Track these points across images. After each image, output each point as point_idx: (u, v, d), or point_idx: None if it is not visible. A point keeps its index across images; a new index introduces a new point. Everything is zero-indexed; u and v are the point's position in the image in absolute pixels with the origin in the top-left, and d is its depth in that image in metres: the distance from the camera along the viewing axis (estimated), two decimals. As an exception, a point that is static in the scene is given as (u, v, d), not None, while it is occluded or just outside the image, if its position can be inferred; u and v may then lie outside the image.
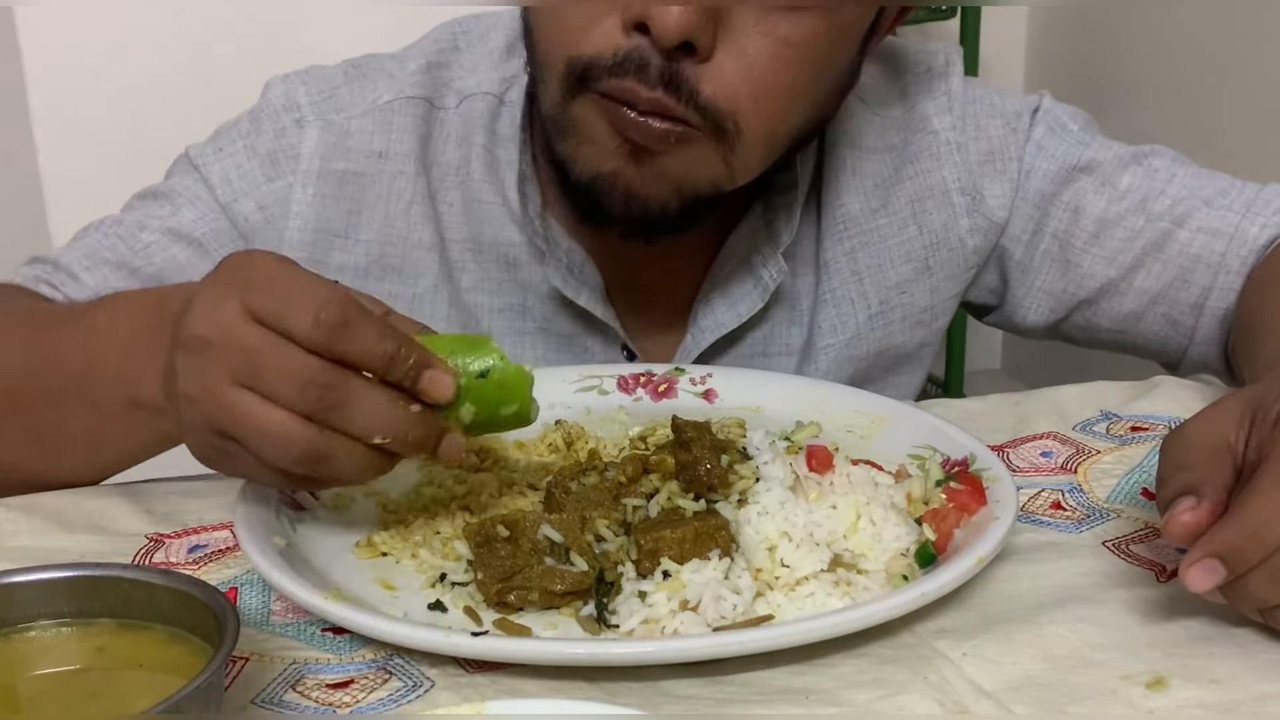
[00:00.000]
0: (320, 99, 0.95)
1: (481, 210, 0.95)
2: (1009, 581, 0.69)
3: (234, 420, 0.63)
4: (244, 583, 0.70)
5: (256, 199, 0.93)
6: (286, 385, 0.62)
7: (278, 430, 0.62)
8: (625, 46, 0.79)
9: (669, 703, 0.59)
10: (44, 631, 0.57)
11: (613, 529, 0.68)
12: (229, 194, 0.93)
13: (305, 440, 0.62)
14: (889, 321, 1.01)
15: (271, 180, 0.93)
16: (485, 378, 0.64)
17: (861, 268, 1.00)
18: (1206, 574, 0.60)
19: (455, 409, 0.64)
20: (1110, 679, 0.60)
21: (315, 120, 0.94)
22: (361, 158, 0.94)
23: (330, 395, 0.62)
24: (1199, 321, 0.99)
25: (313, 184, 0.93)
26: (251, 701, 0.59)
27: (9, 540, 0.74)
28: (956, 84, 1.00)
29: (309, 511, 0.74)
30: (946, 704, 0.58)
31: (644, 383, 0.91)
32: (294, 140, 0.94)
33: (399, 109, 0.95)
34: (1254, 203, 0.97)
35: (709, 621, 0.63)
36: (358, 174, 0.94)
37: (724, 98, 0.80)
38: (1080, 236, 0.99)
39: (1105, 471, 0.81)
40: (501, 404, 0.65)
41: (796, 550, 0.67)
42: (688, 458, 0.71)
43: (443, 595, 0.66)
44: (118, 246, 0.93)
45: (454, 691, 0.60)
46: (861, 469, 0.74)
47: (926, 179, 1.00)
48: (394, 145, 0.94)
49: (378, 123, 0.94)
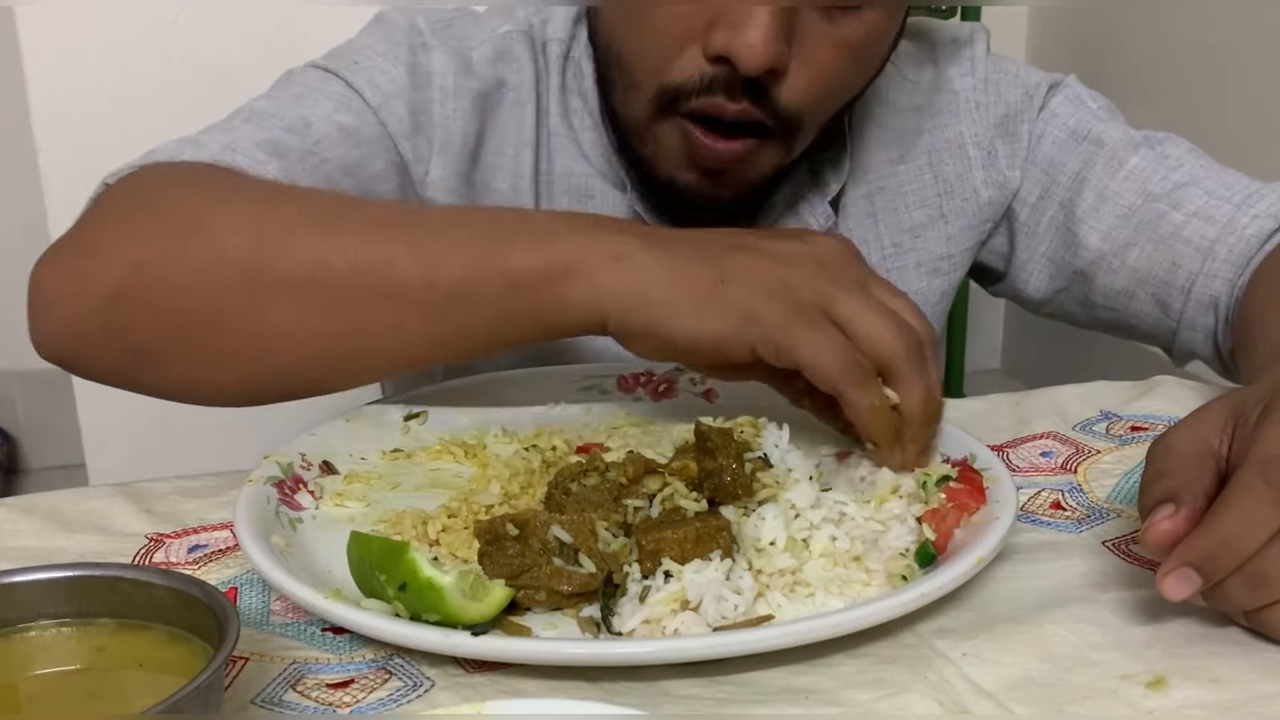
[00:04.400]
0: (440, 27, 0.96)
1: (557, 143, 0.98)
2: (1009, 581, 0.69)
3: (854, 307, 0.71)
4: (244, 583, 0.70)
5: (407, 103, 0.92)
6: (886, 329, 0.71)
7: (893, 323, 0.71)
8: (711, 72, 0.84)
9: (669, 703, 0.59)
10: (44, 631, 0.57)
11: (613, 530, 0.68)
12: (379, 97, 0.91)
13: (914, 337, 0.72)
14: (903, 265, 1.04)
15: (418, 89, 0.93)
16: (405, 591, 0.61)
17: (877, 210, 1.03)
18: (1181, 583, 0.61)
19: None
20: (1110, 679, 0.60)
21: (440, 45, 0.95)
22: (489, 83, 0.96)
23: (914, 358, 0.72)
24: (1186, 305, 0.99)
25: (450, 99, 0.94)
26: (251, 701, 0.59)
27: (9, 540, 0.74)
28: (980, 51, 1.05)
29: (309, 511, 0.74)
30: (946, 704, 0.58)
31: (644, 382, 0.91)
32: (424, 59, 0.94)
33: (516, 39, 0.97)
34: (1252, 195, 0.98)
35: (709, 621, 0.63)
36: (486, 95, 0.96)
37: (797, 102, 0.86)
38: (1082, 206, 1.01)
39: (1105, 471, 0.81)
40: (425, 612, 0.61)
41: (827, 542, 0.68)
42: (712, 465, 0.71)
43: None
44: (290, 139, 0.87)
45: (454, 691, 0.60)
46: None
47: (944, 132, 1.04)
48: (513, 75, 0.97)
49: (497, 50, 0.96)
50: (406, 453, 0.82)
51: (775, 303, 0.71)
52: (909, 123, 1.04)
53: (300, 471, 0.76)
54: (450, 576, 0.61)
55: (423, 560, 0.61)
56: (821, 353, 0.70)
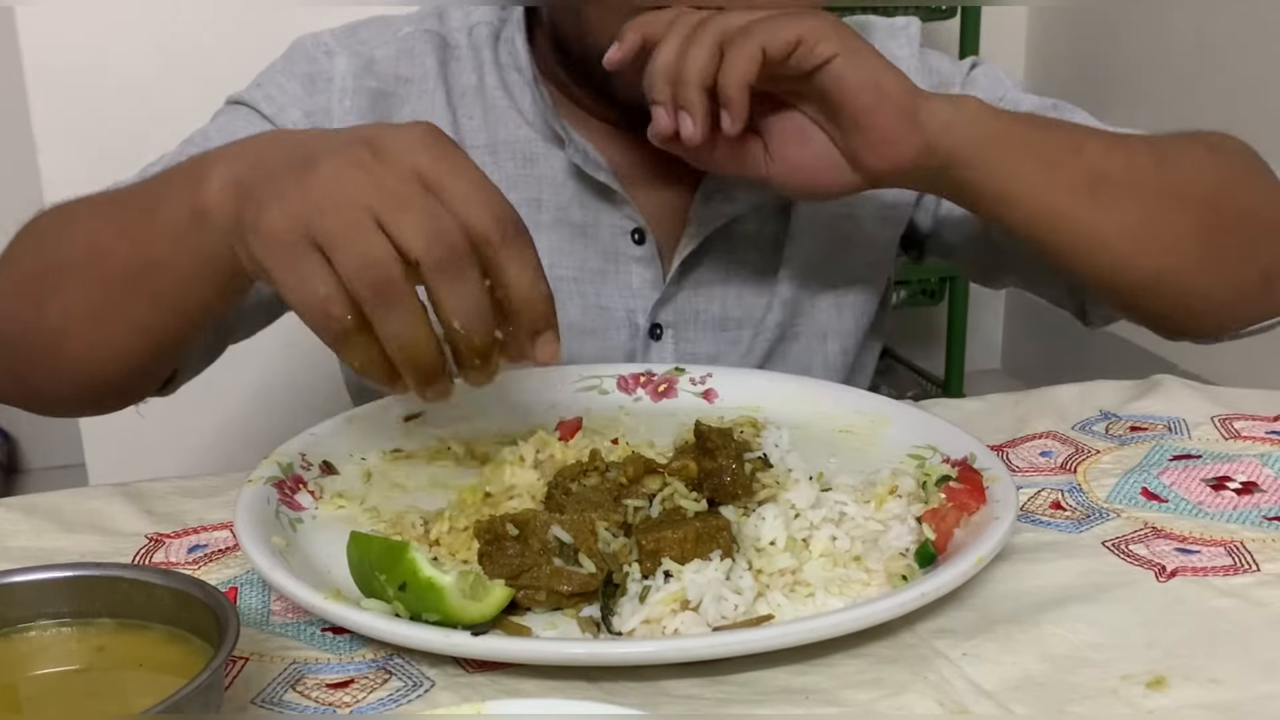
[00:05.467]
0: (344, 35, 1.02)
1: (497, 114, 1.00)
2: (1009, 581, 0.69)
3: (339, 227, 0.62)
4: (244, 583, 0.70)
5: (302, 108, 0.98)
6: (417, 229, 0.62)
7: (373, 253, 0.61)
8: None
9: (669, 703, 0.59)
10: (44, 631, 0.57)
11: (613, 530, 0.68)
12: (274, 108, 0.97)
13: (389, 272, 0.62)
14: (857, 215, 1.04)
15: (312, 95, 0.98)
16: (405, 591, 0.62)
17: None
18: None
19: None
20: (1110, 679, 0.60)
21: (342, 50, 1.00)
22: (390, 80, 1.00)
23: (451, 262, 0.62)
24: None
25: (349, 98, 0.98)
26: (251, 701, 0.59)
27: (9, 540, 0.74)
28: (915, 31, 1.07)
29: (309, 511, 0.74)
30: (946, 704, 0.58)
31: (644, 383, 0.91)
32: (325, 67, 0.99)
33: (419, 39, 1.01)
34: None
35: (709, 621, 0.63)
36: (387, 94, 1.00)
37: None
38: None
39: (1105, 471, 0.81)
40: (425, 612, 0.62)
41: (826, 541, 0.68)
42: (712, 465, 0.71)
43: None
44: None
45: (454, 691, 0.60)
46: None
47: None
48: (416, 70, 1.00)
49: (400, 50, 1.01)
50: (406, 453, 0.82)
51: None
52: None
53: (300, 471, 0.76)
54: (450, 576, 0.61)
55: (423, 560, 0.61)
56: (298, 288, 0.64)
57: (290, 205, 0.63)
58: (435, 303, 0.64)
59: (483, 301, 0.64)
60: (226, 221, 0.68)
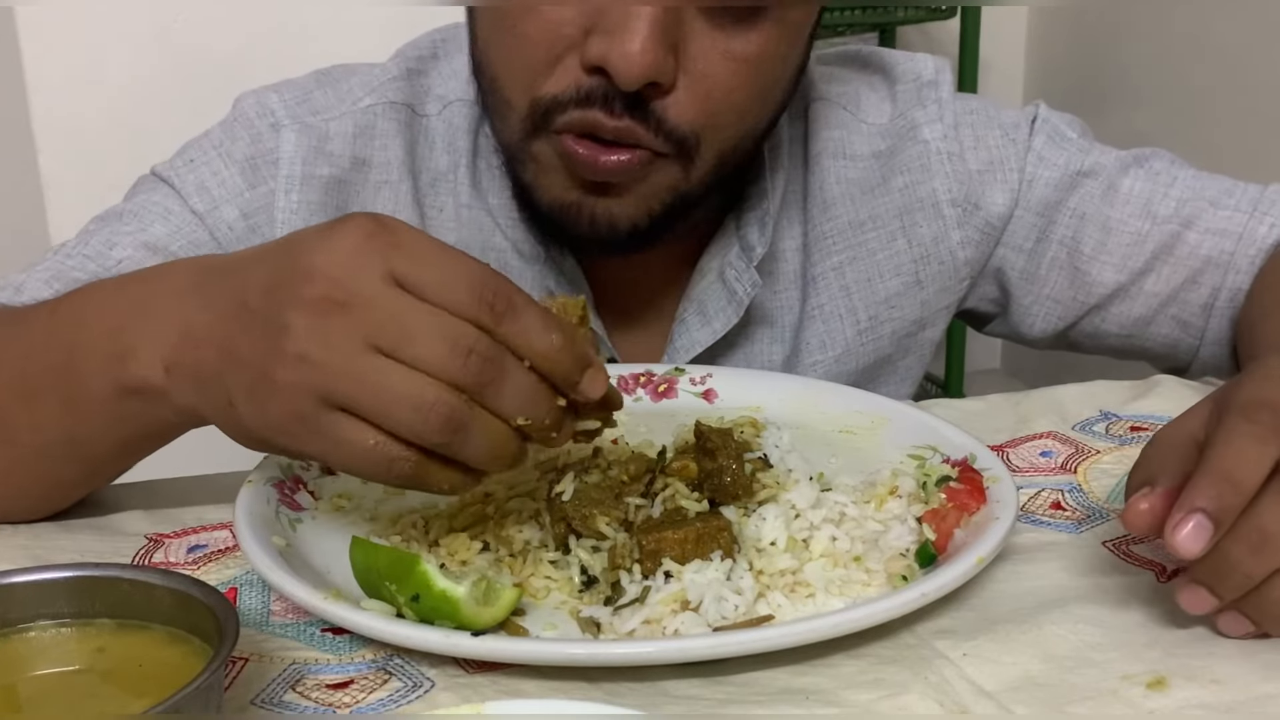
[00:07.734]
0: (294, 103, 0.92)
1: (470, 216, 0.93)
2: (1009, 581, 0.69)
3: (363, 385, 0.58)
4: (244, 583, 0.70)
5: (239, 205, 0.90)
6: (442, 352, 0.57)
7: (418, 395, 0.57)
8: (588, 84, 0.79)
9: (669, 703, 0.59)
10: (43, 632, 0.57)
11: (613, 526, 0.68)
12: (207, 203, 0.89)
13: (449, 406, 0.58)
14: (879, 336, 1.01)
15: (254, 187, 0.90)
16: (418, 601, 0.61)
17: (850, 283, 0.99)
18: (1196, 532, 0.57)
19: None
20: (1110, 679, 0.60)
21: (291, 124, 0.91)
22: (345, 163, 0.91)
23: (489, 369, 0.58)
24: (1209, 322, 0.98)
25: (296, 190, 0.90)
26: (251, 702, 0.59)
27: (9, 540, 0.74)
28: (947, 93, 0.99)
29: (309, 511, 0.74)
30: (947, 704, 0.58)
31: (644, 383, 0.91)
32: (271, 145, 0.91)
33: (381, 114, 0.93)
34: (1260, 202, 0.97)
35: (709, 622, 0.63)
36: (342, 181, 0.91)
37: (688, 121, 0.80)
38: (1088, 243, 0.99)
39: (1105, 471, 0.81)
40: (438, 620, 0.61)
41: (827, 543, 0.68)
42: (712, 465, 0.71)
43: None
44: (88, 266, 0.87)
45: (454, 691, 0.60)
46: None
47: (916, 190, 0.98)
48: (378, 153, 0.92)
49: (359, 125, 0.92)
50: (406, 453, 0.82)
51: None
52: (873, 173, 0.99)
53: (300, 472, 0.76)
54: (463, 587, 0.61)
55: (434, 571, 0.61)
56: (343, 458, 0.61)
57: (289, 392, 0.59)
58: (492, 411, 0.60)
59: (533, 386, 0.60)
60: (181, 406, 0.65)
